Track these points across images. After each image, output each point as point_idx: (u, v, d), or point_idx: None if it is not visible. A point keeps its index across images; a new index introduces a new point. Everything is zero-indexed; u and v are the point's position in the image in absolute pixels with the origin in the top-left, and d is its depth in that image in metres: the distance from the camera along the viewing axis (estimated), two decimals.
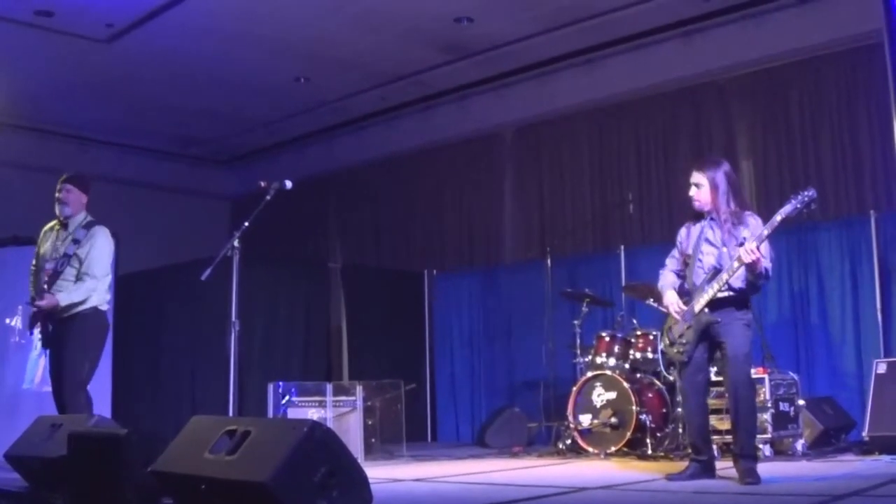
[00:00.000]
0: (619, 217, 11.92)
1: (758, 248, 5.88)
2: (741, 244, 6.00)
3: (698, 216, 6.41)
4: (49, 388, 7.44)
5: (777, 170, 10.85)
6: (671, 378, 8.73)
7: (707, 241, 6.27)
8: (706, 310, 6.13)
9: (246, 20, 10.88)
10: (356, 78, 12.90)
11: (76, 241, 7.30)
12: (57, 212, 7.45)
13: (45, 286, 7.19)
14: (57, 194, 7.43)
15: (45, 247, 7.46)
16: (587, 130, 12.63)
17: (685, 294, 6.36)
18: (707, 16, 11.00)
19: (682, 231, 6.55)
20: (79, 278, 7.23)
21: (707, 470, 6.23)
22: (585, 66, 12.30)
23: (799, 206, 5.88)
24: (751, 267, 5.94)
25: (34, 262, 7.52)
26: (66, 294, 7.12)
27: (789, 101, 10.88)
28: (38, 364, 10.90)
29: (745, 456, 6.01)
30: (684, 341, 6.25)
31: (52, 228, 7.54)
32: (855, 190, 10.28)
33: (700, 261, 6.27)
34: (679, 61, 11.51)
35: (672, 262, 6.60)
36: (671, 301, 6.37)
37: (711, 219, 6.29)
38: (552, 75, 12.63)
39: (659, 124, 11.94)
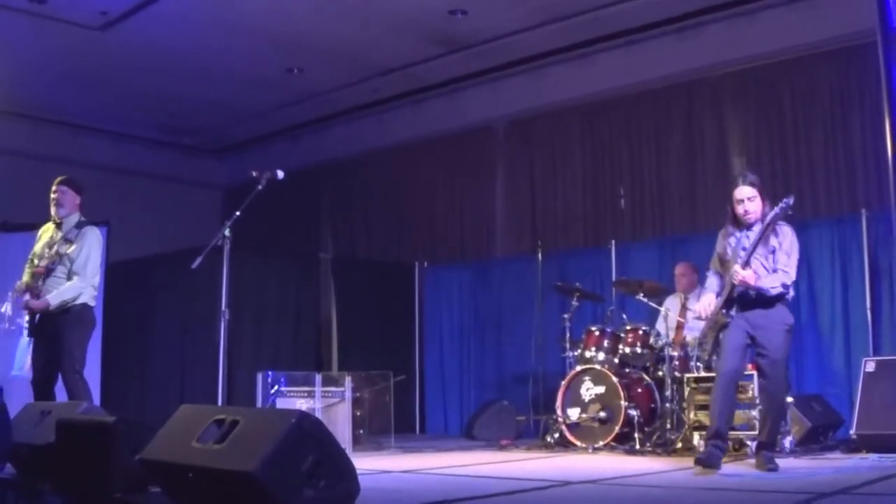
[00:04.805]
0: (611, 212, 11.96)
1: (747, 263, 6.35)
2: (772, 252, 6.45)
3: (737, 225, 6.68)
4: None
5: (769, 167, 10.83)
6: (660, 373, 8.76)
7: (744, 248, 6.54)
8: (723, 311, 6.53)
9: (239, 10, 10.86)
10: (349, 70, 12.89)
11: (68, 241, 7.59)
12: (52, 212, 7.73)
13: (40, 283, 7.52)
14: (52, 195, 7.72)
15: (40, 245, 7.75)
16: (579, 125, 12.63)
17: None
18: (700, 12, 11.02)
19: (720, 239, 6.84)
20: (69, 277, 7.52)
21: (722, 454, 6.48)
22: (578, 60, 12.30)
23: (779, 212, 6.32)
24: (747, 286, 6.39)
25: (30, 258, 7.80)
26: (57, 294, 7.42)
27: (782, 99, 10.89)
28: (28, 351, 10.87)
29: (770, 445, 6.50)
30: (707, 340, 6.88)
31: (48, 228, 7.82)
32: (846, 188, 10.30)
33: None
34: (672, 57, 11.52)
35: (714, 266, 6.94)
36: (703, 304, 6.73)
37: (749, 229, 6.58)
38: (545, 69, 12.65)
39: (651, 120, 11.94)
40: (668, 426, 8.36)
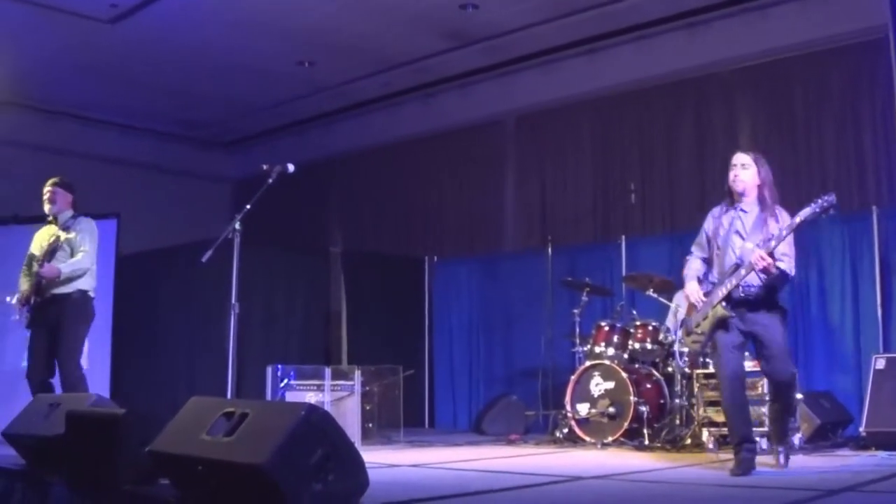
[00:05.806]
0: (621, 207, 11.94)
1: (774, 250, 5.96)
2: (768, 240, 6.03)
3: (732, 201, 6.39)
4: None
5: (779, 163, 10.77)
6: (669, 369, 8.75)
7: (737, 232, 6.29)
8: (723, 304, 6.15)
9: (250, 4, 10.87)
10: (359, 63, 12.89)
11: (66, 229, 7.78)
12: (46, 210, 7.91)
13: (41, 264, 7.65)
14: (45, 195, 7.89)
15: (36, 244, 7.91)
16: (590, 120, 12.62)
17: (709, 283, 6.40)
18: (711, 7, 11.00)
19: (710, 220, 6.53)
20: (73, 256, 7.67)
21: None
22: (589, 55, 12.29)
23: (818, 210, 5.92)
24: (764, 272, 6.00)
25: (26, 262, 7.94)
26: (67, 264, 7.58)
27: (793, 95, 10.86)
28: None
29: (781, 440, 6.43)
30: (700, 332, 6.32)
31: (42, 230, 7.98)
32: (857, 185, 10.26)
33: (732, 251, 6.25)
34: (683, 52, 11.50)
35: (698, 249, 6.58)
36: (691, 291, 6.42)
37: (743, 210, 6.32)
38: (556, 64, 12.63)
39: (662, 115, 11.92)
40: (678, 422, 8.36)
